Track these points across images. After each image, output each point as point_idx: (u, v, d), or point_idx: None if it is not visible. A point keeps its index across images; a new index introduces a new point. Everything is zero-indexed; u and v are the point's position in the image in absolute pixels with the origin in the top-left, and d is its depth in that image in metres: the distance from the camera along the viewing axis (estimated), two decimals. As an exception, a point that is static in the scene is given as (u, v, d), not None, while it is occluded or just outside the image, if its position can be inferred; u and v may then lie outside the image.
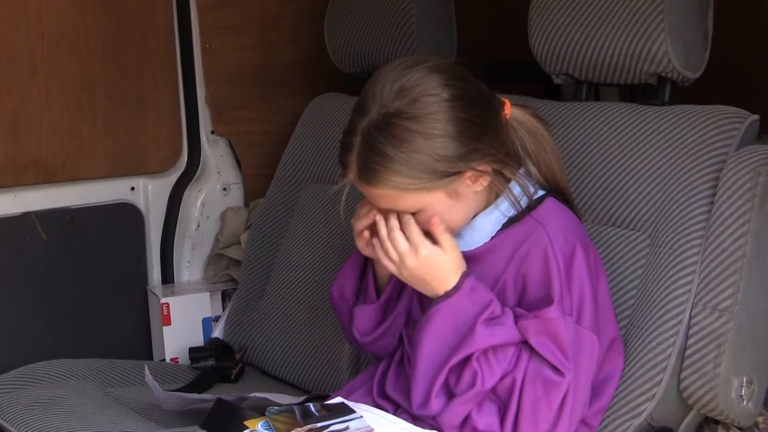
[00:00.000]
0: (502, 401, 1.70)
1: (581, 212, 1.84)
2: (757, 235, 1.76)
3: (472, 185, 1.70)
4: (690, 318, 1.78)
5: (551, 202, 1.76)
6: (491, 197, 1.76)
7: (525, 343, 1.69)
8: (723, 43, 2.14)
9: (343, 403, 1.76)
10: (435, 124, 1.63)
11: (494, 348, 1.68)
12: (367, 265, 1.90)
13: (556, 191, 1.79)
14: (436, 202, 1.69)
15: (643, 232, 1.90)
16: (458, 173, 1.66)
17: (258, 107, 2.82)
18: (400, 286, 1.87)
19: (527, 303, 1.72)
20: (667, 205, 1.87)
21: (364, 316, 1.89)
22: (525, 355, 1.69)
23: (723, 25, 2.10)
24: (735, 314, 1.75)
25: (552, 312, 1.67)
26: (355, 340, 1.93)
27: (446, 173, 1.65)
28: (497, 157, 1.69)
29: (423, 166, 1.63)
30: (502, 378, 1.69)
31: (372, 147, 1.64)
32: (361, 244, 1.81)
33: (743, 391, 1.78)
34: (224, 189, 2.79)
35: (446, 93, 1.64)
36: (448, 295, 1.71)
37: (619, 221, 1.93)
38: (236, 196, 2.81)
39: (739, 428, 1.84)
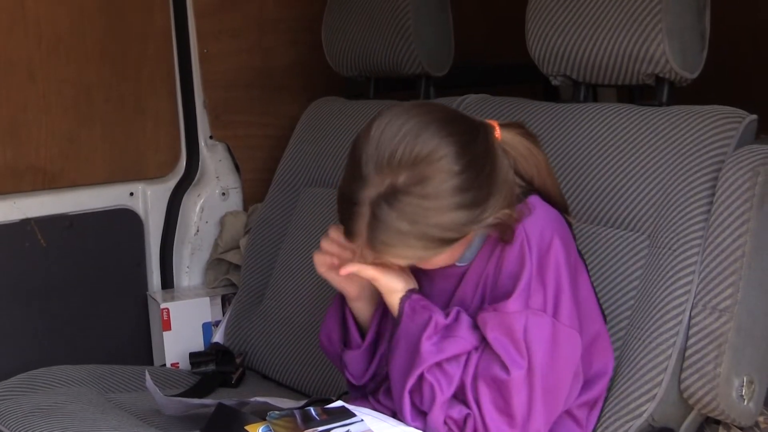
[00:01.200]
0: (465, 402, 1.71)
1: (570, 214, 1.83)
2: (756, 234, 1.76)
3: (478, 231, 1.69)
4: (690, 318, 1.78)
5: (535, 199, 1.74)
6: None
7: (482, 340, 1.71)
8: (720, 43, 2.14)
9: (344, 407, 1.76)
10: (446, 200, 1.59)
11: (447, 359, 1.70)
12: (345, 310, 1.89)
13: (551, 202, 1.77)
14: (441, 257, 1.68)
15: (643, 233, 1.90)
16: (467, 233, 1.65)
17: (256, 111, 2.82)
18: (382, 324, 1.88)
19: (496, 295, 1.71)
20: (666, 206, 1.87)
21: (354, 360, 1.88)
22: (473, 357, 1.69)
23: (720, 25, 2.10)
24: (735, 314, 1.75)
25: (510, 305, 1.66)
26: (351, 385, 1.92)
27: (456, 238, 1.64)
28: (501, 206, 1.65)
29: (434, 239, 1.62)
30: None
31: (382, 223, 1.60)
32: (322, 270, 1.83)
33: (744, 390, 1.78)
34: (223, 194, 2.79)
35: (458, 166, 1.60)
36: (396, 322, 1.75)
37: (618, 222, 1.93)
38: (235, 200, 2.81)
39: (739, 428, 1.84)
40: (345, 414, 1.74)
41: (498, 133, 1.71)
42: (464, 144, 1.62)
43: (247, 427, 1.75)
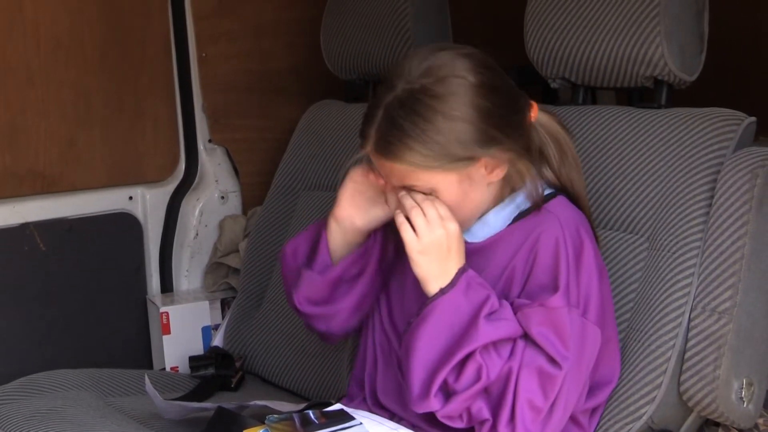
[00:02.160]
0: (496, 391, 1.68)
1: (593, 220, 1.83)
2: (756, 236, 1.76)
3: (487, 175, 1.69)
4: (689, 320, 1.78)
5: (562, 199, 1.76)
6: (503, 193, 1.76)
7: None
8: (719, 45, 2.14)
9: (342, 410, 1.76)
10: (457, 106, 1.63)
11: (495, 342, 1.67)
12: (322, 233, 1.87)
13: (573, 199, 1.78)
14: (449, 184, 1.67)
15: (642, 235, 1.90)
16: (474, 158, 1.66)
17: (255, 115, 2.82)
18: (359, 268, 1.85)
19: (531, 288, 1.70)
20: (665, 208, 1.87)
21: (313, 284, 1.85)
22: (520, 345, 1.67)
23: (719, 28, 2.10)
24: (734, 316, 1.75)
25: (556, 300, 1.66)
26: (294, 307, 1.89)
27: (462, 157, 1.64)
28: (515, 150, 1.68)
29: (439, 147, 1.63)
30: None
31: (392, 121, 1.64)
32: (358, 174, 1.81)
33: (743, 393, 1.77)
34: (222, 197, 2.79)
35: (473, 78, 1.65)
36: (443, 291, 1.68)
37: (617, 224, 1.93)
38: (234, 204, 2.81)
39: (739, 430, 1.84)
40: (344, 417, 1.74)
41: (535, 111, 1.74)
42: (487, 68, 1.68)
43: (246, 431, 1.75)
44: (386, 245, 1.88)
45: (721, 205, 1.79)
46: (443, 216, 1.68)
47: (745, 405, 1.78)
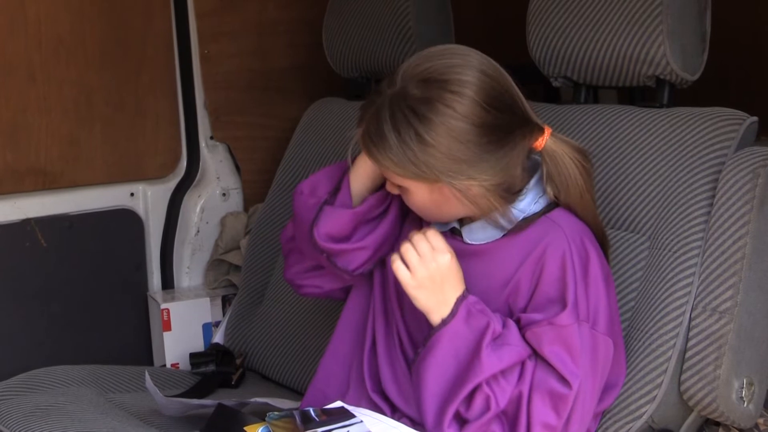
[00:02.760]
0: (510, 414, 1.69)
1: (607, 242, 1.82)
2: (757, 236, 1.76)
3: (456, 194, 1.68)
4: (690, 320, 1.78)
5: (563, 211, 1.75)
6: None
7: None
8: (721, 44, 2.14)
9: (342, 407, 1.76)
10: (432, 133, 1.62)
11: (503, 370, 1.68)
12: (345, 171, 1.88)
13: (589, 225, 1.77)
14: (419, 189, 1.70)
15: (643, 235, 1.90)
16: (438, 181, 1.66)
17: (257, 112, 2.82)
18: (383, 207, 1.86)
19: (538, 301, 1.70)
20: (666, 208, 1.87)
21: (334, 219, 1.84)
22: (529, 367, 1.68)
23: (721, 27, 2.10)
24: (735, 316, 1.75)
25: (565, 318, 1.66)
26: (314, 242, 1.85)
27: (426, 178, 1.66)
28: (483, 186, 1.67)
29: (407, 160, 1.64)
30: None
31: (378, 118, 1.66)
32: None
33: (744, 392, 1.78)
34: (223, 194, 2.79)
35: (461, 111, 1.63)
36: (445, 322, 1.70)
37: (619, 224, 1.93)
38: (236, 201, 2.81)
39: (739, 430, 1.84)
40: (344, 415, 1.74)
41: (543, 138, 1.71)
42: (481, 106, 1.64)
43: (246, 428, 1.75)
44: None
45: (722, 205, 1.79)
46: (436, 248, 1.70)
47: (745, 405, 1.78)
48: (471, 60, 1.67)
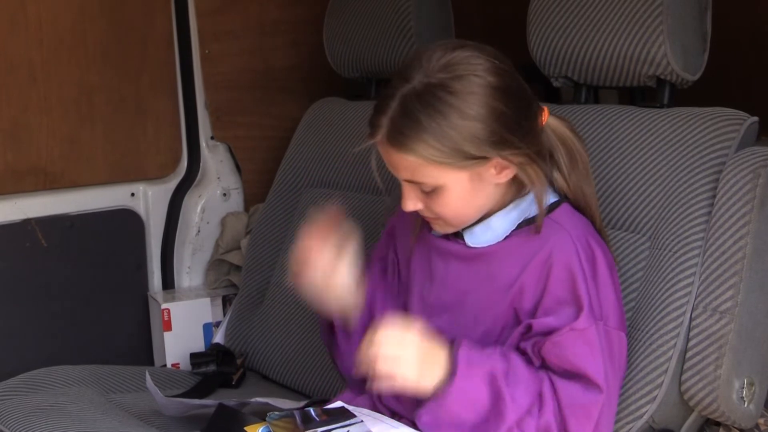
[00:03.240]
0: None
1: (605, 232, 1.82)
2: (757, 236, 1.76)
3: (496, 175, 1.69)
4: (690, 320, 1.78)
5: (567, 208, 1.76)
6: (508, 197, 1.75)
7: (544, 371, 1.69)
8: (722, 44, 2.14)
9: (343, 407, 1.76)
10: (473, 105, 1.62)
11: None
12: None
13: (581, 208, 1.78)
14: (458, 182, 1.67)
15: (643, 235, 1.90)
16: (484, 158, 1.65)
17: (257, 112, 2.82)
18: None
19: (548, 304, 1.69)
20: (667, 208, 1.87)
21: (348, 353, 1.87)
22: (548, 392, 1.66)
23: (722, 27, 2.10)
24: (735, 316, 1.75)
25: (584, 321, 1.65)
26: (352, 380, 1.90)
27: (473, 156, 1.64)
28: (526, 154, 1.68)
29: (452, 142, 1.62)
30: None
31: (407, 112, 1.63)
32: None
33: (744, 392, 1.77)
34: (224, 194, 2.79)
35: (492, 78, 1.64)
36: (448, 382, 1.66)
37: (619, 224, 1.93)
38: (236, 201, 2.81)
39: (740, 430, 1.84)
40: (344, 415, 1.74)
41: (545, 115, 1.74)
42: (505, 70, 1.67)
43: (246, 428, 1.75)
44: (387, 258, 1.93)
45: (723, 205, 1.79)
46: (405, 340, 1.66)
47: (746, 405, 1.78)
48: (467, 41, 1.70)
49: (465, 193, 1.69)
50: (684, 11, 1.96)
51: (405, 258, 1.89)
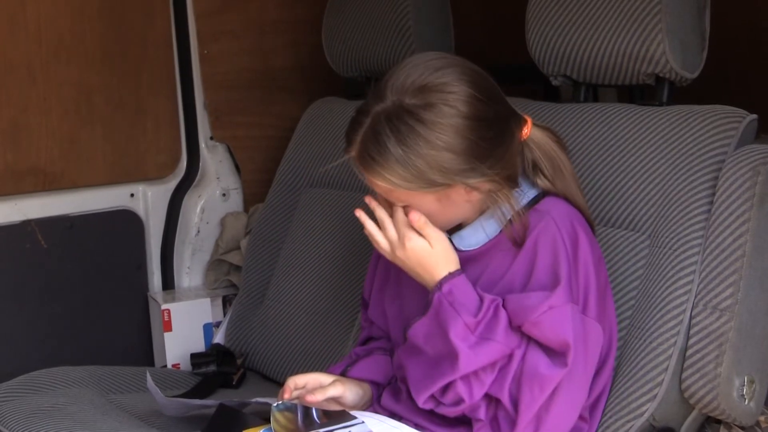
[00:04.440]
0: (493, 402, 1.70)
1: (593, 220, 1.83)
2: (757, 234, 1.76)
3: (465, 195, 1.69)
4: (690, 318, 1.78)
5: (551, 198, 1.76)
6: (486, 204, 1.75)
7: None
8: (721, 42, 2.14)
9: (344, 409, 1.76)
10: (442, 136, 1.61)
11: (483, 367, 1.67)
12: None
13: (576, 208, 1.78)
14: (426, 202, 1.68)
15: (643, 233, 1.90)
16: (451, 185, 1.66)
17: (257, 112, 2.82)
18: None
19: (533, 288, 1.69)
20: (666, 206, 1.87)
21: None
22: (514, 362, 1.66)
23: (720, 25, 2.10)
24: (735, 313, 1.75)
25: (559, 297, 1.65)
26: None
27: (438, 183, 1.64)
28: (495, 181, 1.67)
29: (417, 171, 1.62)
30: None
31: (376, 136, 1.63)
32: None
33: (744, 390, 1.77)
34: (224, 194, 2.79)
35: (464, 108, 1.62)
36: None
37: (619, 222, 1.93)
38: (236, 201, 2.81)
39: (740, 427, 1.84)
40: (345, 416, 1.74)
41: (528, 128, 1.73)
42: (480, 100, 1.64)
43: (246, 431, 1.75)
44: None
45: (722, 203, 1.79)
46: (402, 235, 1.71)
47: (746, 402, 1.78)
48: (453, 60, 1.68)
49: (434, 211, 1.70)
50: (683, 9, 1.96)
51: (396, 270, 1.89)
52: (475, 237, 1.76)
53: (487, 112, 1.65)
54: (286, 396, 1.78)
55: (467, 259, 1.75)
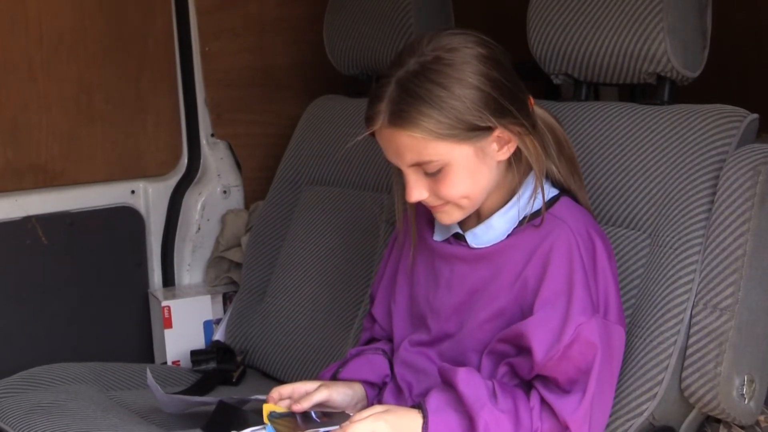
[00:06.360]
0: None
1: (595, 216, 1.84)
2: (758, 233, 1.76)
3: (498, 151, 1.69)
4: (691, 317, 1.78)
5: (567, 201, 1.76)
6: (507, 192, 1.76)
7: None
8: (722, 41, 2.14)
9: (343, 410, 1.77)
10: (471, 74, 1.63)
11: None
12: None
13: (569, 191, 1.79)
14: (463, 156, 1.66)
15: (644, 232, 1.90)
16: (487, 129, 1.65)
17: (258, 109, 2.82)
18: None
19: (546, 295, 1.69)
20: (667, 205, 1.87)
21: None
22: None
23: (722, 24, 2.10)
24: (736, 313, 1.75)
25: (578, 318, 1.65)
26: None
27: (476, 126, 1.64)
28: (525, 125, 1.68)
29: (455, 112, 1.62)
30: None
31: (407, 90, 1.63)
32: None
33: (744, 389, 1.78)
34: (224, 192, 2.79)
35: (483, 50, 1.67)
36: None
37: (620, 221, 1.93)
38: (236, 198, 2.81)
39: (740, 427, 1.84)
40: (345, 416, 1.74)
41: (531, 103, 1.75)
42: (500, 55, 1.69)
43: (245, 432, 1.76)
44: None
45: (723, 202, 1.79)
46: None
47: (746, 402, 1.78)
48: (462, 30, 1.72)
49: (470, 169, 1.68)
50: (684, 8, 1.96)
51: (406, 268, 1.89)
52: (487, 235, 1.76)
53: (506, 63, 1.69)
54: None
55: (480, 257, 1.75)
